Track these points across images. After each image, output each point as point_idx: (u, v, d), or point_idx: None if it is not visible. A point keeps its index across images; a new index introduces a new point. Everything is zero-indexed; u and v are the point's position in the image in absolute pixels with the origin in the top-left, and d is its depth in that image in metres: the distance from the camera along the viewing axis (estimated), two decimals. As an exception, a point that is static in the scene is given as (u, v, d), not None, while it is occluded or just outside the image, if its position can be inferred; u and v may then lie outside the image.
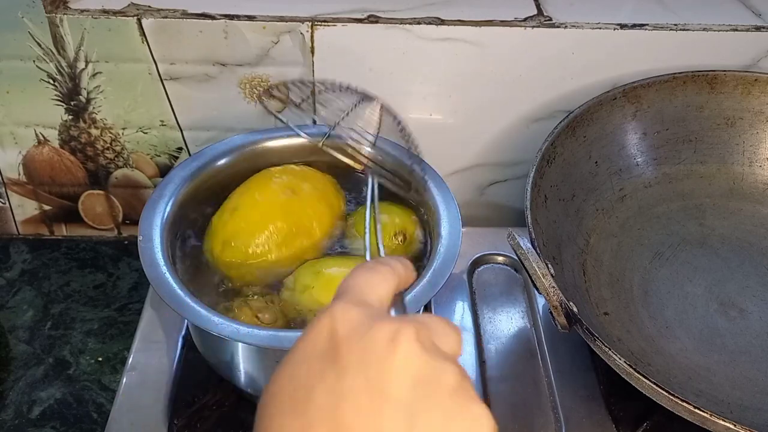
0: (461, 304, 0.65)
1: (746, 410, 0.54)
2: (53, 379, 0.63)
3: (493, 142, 0.71)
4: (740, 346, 0.58)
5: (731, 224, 0.66)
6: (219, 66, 0.65)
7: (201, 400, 0.57)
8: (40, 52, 0.64)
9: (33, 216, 0.75)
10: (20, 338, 0.66)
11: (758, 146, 0.68)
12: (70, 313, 0.68)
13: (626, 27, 0.64)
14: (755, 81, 0.66)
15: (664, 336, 0.58)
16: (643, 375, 0.48)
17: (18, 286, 0.71)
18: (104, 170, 0.72)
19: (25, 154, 0.71)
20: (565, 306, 0.52)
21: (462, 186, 0.73)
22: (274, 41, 0.64)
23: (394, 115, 0.50)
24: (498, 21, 0.64)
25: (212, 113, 0.68)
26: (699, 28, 0.65)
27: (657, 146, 0.67)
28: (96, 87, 0.66)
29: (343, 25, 0.63)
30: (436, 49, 0.64)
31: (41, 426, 0.60)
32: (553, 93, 0.68)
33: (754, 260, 0.64)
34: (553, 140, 0.61)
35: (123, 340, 0.66)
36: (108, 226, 0.76)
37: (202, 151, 0.60)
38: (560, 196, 0.62)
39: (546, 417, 0.57)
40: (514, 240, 0.53)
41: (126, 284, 0.71)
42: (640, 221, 0.66)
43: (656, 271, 0.63)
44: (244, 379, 0.53)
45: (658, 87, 0.66)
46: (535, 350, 0.62)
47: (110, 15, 0.62)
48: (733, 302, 0.61)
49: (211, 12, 0.63)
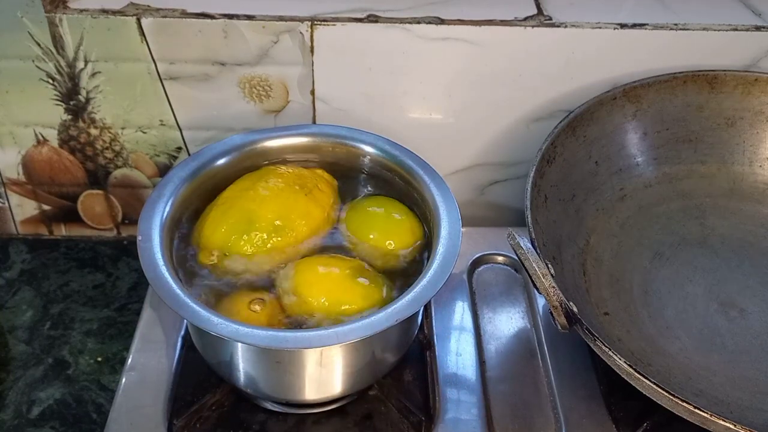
0: (461, 304, 0.65)
1: (746, 410, 0.54)
2: (52, 379, 0.63)
3: (493, 142, 0.71)
4: (740, 346, 0.58)
5: (731, 224, 0.66)
6: (218, 66, 0.65)
7: (200, 400, 0.57)
8: (40, 52, 0.64)
9: (32, 216, 0.75)
10: (19, 338, 0.66)
11: (758, 146, 0.68)
12: (69, 313, 0.68)
13: (626, 27, 0.64)
14: (755, 81, 0.66)
15: (664, 336, 0.58)
16: (643, 375, 0.47)
17: (17, 286, 0.71)
18: (103, 170, 0.72)
19: (25, 153, 0.71)
20: (565, 306, 0.51)
21: (462, 186, 0.73)
22: (274, 41, 0.64)
23: None
24: (498, 20, 0.64)
25: (212, 113, 0.68)
26: (699, 28, 0.65)
27: (657, 146, 0.67)
28: (95, 87, 0.66)
29: (342, 25, 0.63)
30: (436, 49, 0.64)
31: (40, 426, 0.59)
32: (553, 93, 0.68)
33: (754, 260, 0.64)
34: (553, 140, 0.61)
35: (122, 340, 0.66)
36: (107, 226, 0.76)
37: (202, 151, 0.60)
38: (560, 196, 0.62)
39: (546, 417, 0.57)
40: (514, 240, 0.53)
41: (125, 284, 0.71)
42: (640, 221, 0.66)
43: (656, 271, 0.63)
44: (243, 380, 0.53)
45: (658, 87, 0.66)
46: (535, 350, 0.62)
47: (109, 14, 0.62)
48: (733, 302, 0.61)
49: (211, 11, 0.63)
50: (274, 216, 0.56)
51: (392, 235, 0.57)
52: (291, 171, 0.59)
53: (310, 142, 0.62)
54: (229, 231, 0.55)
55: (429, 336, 0.62)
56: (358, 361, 0.53)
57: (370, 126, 0.64)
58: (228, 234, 0.55)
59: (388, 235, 0.57)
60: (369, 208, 0.59)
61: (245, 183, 0.58)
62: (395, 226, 0.58)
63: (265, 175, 0.59)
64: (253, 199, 0.56)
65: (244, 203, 0.56)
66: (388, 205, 0.59)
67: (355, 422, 0.57)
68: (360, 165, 0.62)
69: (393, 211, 0.59)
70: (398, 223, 0.58)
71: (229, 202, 0.57)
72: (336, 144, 0.62)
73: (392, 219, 0.58)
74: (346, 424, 0.57)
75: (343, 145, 0.62)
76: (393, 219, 0.58)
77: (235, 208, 0.56)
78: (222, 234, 0.55)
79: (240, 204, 0.56)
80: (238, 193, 0.57)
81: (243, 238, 0.55)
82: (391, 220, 0.58)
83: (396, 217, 0.58)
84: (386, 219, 0.58)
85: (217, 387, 0.58)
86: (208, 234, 0.56)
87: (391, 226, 0.58)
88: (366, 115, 0.68)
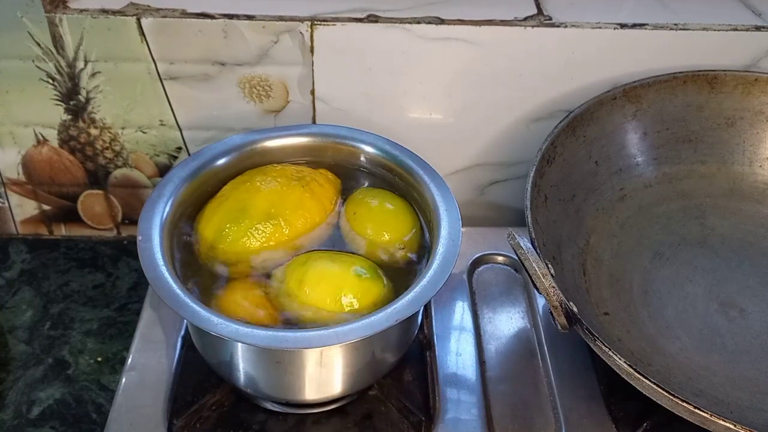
0: (461, 304, 0.65)
1: (746, 410, 0.54)
2: (52, 379, 0.63)
3: (493, 142, 0.71)
4: (740, 346, 0.58)
5: (731, 224, 0.66)
6: (218, 65, 0.65)
7: (200, 400, 0.57)
8: (40, 52, 0.64)
9: (32, 216, 0.75)
10: (19, 338, 0.66)
11: (758, 146, 0.68)
12: (69, 313, 0.68)
13: (626, 27, 0.64)
14: (755, 81, 0.66)
15: (664, 336, 0.58)
16: (643, 375, 0.47)
17: (17, 286, 0.70)
18: (103, 170, 0.72)
19: (25, 153, 0.71)
20: (565, 306, 0.51)
21: (462, 186, 0.73)
22: (274, 41, 0.64)
23: None
24: (498, 20, 0.64)
25: (211, 113, 0.68)
26: (699, 28, 0.65)
27: (657, 146, 0.67)
28: (95, 87, 0.66)
29: (342, 25, 0.63)
30: (435, 49, 0.64)
31: (40, 426, 0.59)
32: (553, 93, 0.68)
33: (754, 260, 0.64)
34: (553, 140, 0.61)
35: (122, 340, 0.66)
36: (107, 226, 0.76)
37: (202, 151, 0.60)
38: (560, 196, 0.62)
39: (546, 417, 0.57)
40: (514, 240, 0.53)
41: (125, 284, 0.71)
42: (640, 221, 0.66)
43: (656, 271, 0.63)
44: (243, 380, 0.53)
45: (658, 87, 0.66)
46: (535, 350, 0.62)
47: (109, 14, 0.62)
48: (733, 302, 0.61)
49: (211, 11, 0.63)
50: (267, 205, 0.56)
51: (388, 227, 0.57)
52: (291, 167, 0.60)
53: (310, 142, 0.62)
54: (223, 219, 0.56)
55: (429, 336, 0.62)
56: (358, 361, 0.53)
57: (370, 126, 0.64)
58: (222, 222, 0.55)
59: (384, 227, 0.57)
60: (366, 201, 0.59)
61: (244, 177, 0.59)
62: (392, 218, 0.58)
63: (264, 170, 0.59)
64: (249, 191, 0.57)
65: (239, 194, 0.57)
66: (383, 197, 0.59)
67: (355, 422, 0.57)
68: (360, 165, 0.62)
69: (388, 202, 0.59)
70: (394, 215, 0.58)
71: (226, 194, 0.58)
72: (336, 144, 0.62)
73: (387, 211, 0.58)
74: (346, 424, 0.57)
75: (343, 145, 0.62)
76: (388, 211, 0.58)
77: (230, 199, 0.57)
78: (216, 222, 0.56)
79: (235, 195, 0.57)
80: (236, 186, 0.58)
81: (236, 226, 0.55)
82: (387, 212, 0.58)
83: (390, 207, 0.58)
84: (382, 211, 0.58)
85: (217, 387, 0.58)
86: (203, 224, 0.56)
87: (388, 218, 0.58)
88: (366, 115, 0.68)
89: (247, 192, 0.57)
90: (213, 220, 0.56)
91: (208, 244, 0.55)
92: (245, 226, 0.55)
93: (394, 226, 0.58)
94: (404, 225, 0.58)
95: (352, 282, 0.52)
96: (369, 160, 0.62)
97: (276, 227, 0.56)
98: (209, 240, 0.55)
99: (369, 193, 0.60)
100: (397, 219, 0.58)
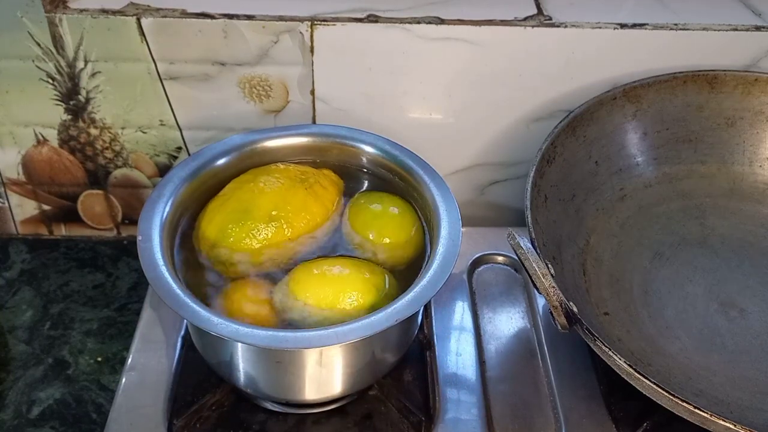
0: (461, 304, 0.65)
1: (746, 410, 0.54)
2: (52, 379, 0.63)
3: (493, 142, 0.71)
4: (740, 346, 0.58)
5: (731, 224, 0.66)
6: (218, 65, 0.65)
7: (200, 400, 0.57)
8: (39, 52, 0.64)
9: (32, 216, 0.75)
10: (19, 338, 0.66)
11: (758, 146, 0.68)
12: (69, 313, 0.68)
13: (626, 27, 0.64)
14: (755, 81, 0.66)
15: (664, 336, 0.58)
16: (643, 375, 0.47)
17: (17, 286, 0.70)
18: (103, 170, 0.72)
19: (25, 153, 0.71)
20: (565, 306, 0.51)
21: (462, 186, 0.73)
22: (274, 41, 0.64)
23: None
24: (498, 20, 0.64)
25: (211, 113, 0.68)
26: (699, 28, 0.65)
27: (657, 146, 0.67)
28: (95, 86, 0.66)
29: (342, 25, 0.63)
30: (435, 49, 0.64)
31: (40, 426, 0.59)
32: (553, 93, 0.68)
33: (754, 260, 0.64)
34: (553, 140, 0.61)
35: (122, 340, 0.66)
36: (107, 226, 0.76)
37: (202, 151, 0.60)
38: (560, 196, 0.62)
39: (546, 417, 0.57)
40: (514, 240, 0.53)
41: (125, 284, 0.71)
42: (640, 221, 0.66)
43: (656, 271, 0.63)
44: (243, 380, 0.53)
45: (658, 87, 0.66)
46: (535, 350, 0.62)
47: (109, 14, 0.62)
48: (733, 302, 0.61)
49: (211, 11, 0.63)
50: (270, 206, 0.56)
51: (391, 231, 0.57)
52: (294, 167, 0.60)
53: (310, 142, 0.62)
54: (226, 220, 0.56)
55: (429, 336, 0.62)
56: (358, 361, 0.53)
57: (370, 126, 0.64)
58: (224, 223, 0.55)
59: (386, 231, 0.57)
60: (368, 206, 0.59)
61: (247, 176, 0.59)
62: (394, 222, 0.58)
63: (267, 170, 0.59)
64: (252, 191, 0.57)
65: (242, 194, 0.57)
66: (385, 201, 0.59)
67: (355, 422, 0.57)
68: (360, 165, 0.62)
69: (391, 206, 0.59)
70: (396, 219, 0.58)
71: (228, 193, 0.58)
72: (336, 144, 0.62)
73: (390, 215, 0.58)
74: (346, 424, 0.57)
75: (343, 145, 0.62)
76: (391, 215, 0.58)
77: (233, 199, 0.57)
78: (218, 223, 0.56)
79: (238, 195, 0.57)
80: (239, 185, 0.58)
81: (238, 227, 0.55)
82: (389, 216, 0.58)
83: (393, 211, 0.58)
84: (384, 215, 0.58)
85: (217, 387, 0.58)
86: (205, 224, 0.56)
87: (390, 222, 0.58)
88: (366, 115, 0.68)
89: (251, 192, 0.57)
90: (215, 219, 0.56)
91: (210, 243, 0.55)
92: (248, 227, 0.55)
93: (396, 229, 0.58)
94: (406, 228, 0.58)
95: (355, 283, 0.52)
96: (369, 160, 0.62)
97: (278, 229, 0.56)
98: (211, 239, 0.55)
99: (371, 197, 0.60)
100: (398, 223, 0.58)
